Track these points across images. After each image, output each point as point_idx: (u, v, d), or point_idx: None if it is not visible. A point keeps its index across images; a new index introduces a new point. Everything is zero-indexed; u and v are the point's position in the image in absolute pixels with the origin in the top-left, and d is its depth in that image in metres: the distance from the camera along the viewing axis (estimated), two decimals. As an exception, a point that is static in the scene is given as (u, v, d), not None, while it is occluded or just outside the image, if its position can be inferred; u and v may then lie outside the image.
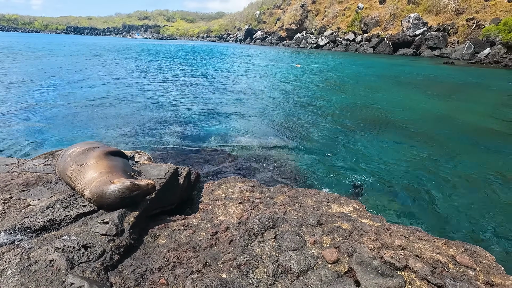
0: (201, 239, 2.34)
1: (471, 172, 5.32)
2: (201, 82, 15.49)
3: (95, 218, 2.21)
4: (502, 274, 1.90)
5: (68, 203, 2.33)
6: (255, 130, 7.51)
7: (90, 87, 12.12)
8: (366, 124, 8.39)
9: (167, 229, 2.45)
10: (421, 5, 57.93)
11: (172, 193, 3.10)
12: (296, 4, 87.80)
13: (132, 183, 2.30)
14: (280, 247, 2.10)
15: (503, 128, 8.36)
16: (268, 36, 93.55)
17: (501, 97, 14.22)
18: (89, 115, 8.12)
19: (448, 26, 51.05)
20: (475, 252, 2.08)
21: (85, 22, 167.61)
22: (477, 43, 43.29)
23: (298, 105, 10.66)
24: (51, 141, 6.05)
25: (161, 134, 6.76)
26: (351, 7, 74.31)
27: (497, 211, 4.05)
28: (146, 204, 2.51)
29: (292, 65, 27.70)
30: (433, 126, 8.32)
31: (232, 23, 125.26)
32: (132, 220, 2.25)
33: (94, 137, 6.31)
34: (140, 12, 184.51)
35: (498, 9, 47.40)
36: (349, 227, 2.39)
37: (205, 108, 9.76)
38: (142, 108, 9.19)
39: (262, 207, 2.94)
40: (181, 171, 3.51)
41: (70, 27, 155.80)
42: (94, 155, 2.64)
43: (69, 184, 2.58)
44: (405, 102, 11.96)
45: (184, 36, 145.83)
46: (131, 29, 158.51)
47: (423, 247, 2.07)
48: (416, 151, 6.31)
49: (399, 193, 4.47)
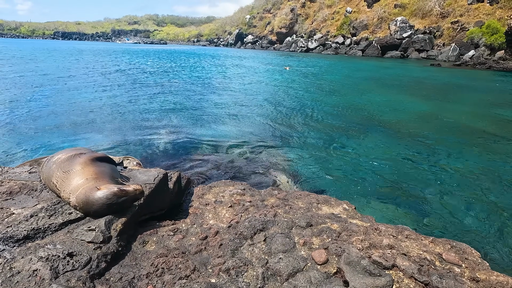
0: (190, 244, 2.32)
1: (458, 170, 5.43)
2: (190, 86, 15.44)
3: (81, 225, 2.17)
4: (487, 270, 1.94)
5: (53, 211, 2.28)
6: (245, 133, 7.51)
7: (77, 93, 11.94)
8: (355, 125, 8.49)
9: (156, 235, 2.42)
10: (408, 9, 59.29)
11: (161, 198, 3.06)
12: (286, 8, 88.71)
13: (119, 189, 2.26)
14: (269, 250, 2.10)
15: (488, 128, 8.58)
16: (258, 40, 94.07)
17: (486, 98, 14.61)
18: (76, 121, 7.99)
19: (434, 29, 52.36)
20: (461, 249, 2.12)
21: (73, 27, 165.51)
22: (462, 45, 44.49)
23: (287, 108, 10.72)
24: (36, 148, 5.93)
25: (151, 139, 6.70)
26: (339, 11, 75.49)
27: (483, 208, 4.14)
28: (135, 210, 2.47)
29: (281, 68, 27.89)
30: (421, 127, 8.48)
31: (223, 27, 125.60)
32: (120, 227, 2.21)
33: (82, 143, 6.21)
34: (129, 16, 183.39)
35: (481, 12, 48.87)
36: (339, 228, 2.41)
37: (195, 112, 9.73)
38: (131, 113, 9.10)
39: (252, 210, 2.94)
40: (171, 176, 3.48)
41: (58, 32, 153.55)
42: (80, 161, 2.60)
43: (54, 191, 2.53)
44: (394, 103, 12.16)
45: (174, 41, 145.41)
46: (121, 34, 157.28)
47: (410, 246, 2.10)
48: (404, 151, 6.41)
49: (389, 193, 4.53)
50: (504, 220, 3.86)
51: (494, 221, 3.84)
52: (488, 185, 4.86)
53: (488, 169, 5.54)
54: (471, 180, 5.04)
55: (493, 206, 4.20)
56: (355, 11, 70.78)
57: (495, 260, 3.00)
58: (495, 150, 6.65)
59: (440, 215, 3.93)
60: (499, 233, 3.59)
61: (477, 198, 4.44)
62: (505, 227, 3.71)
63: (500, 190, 4.71)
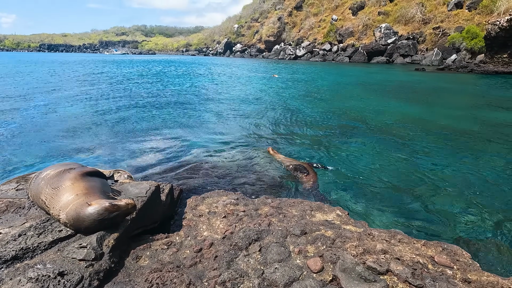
0: (185, 257, 2.29)
1: (446, 172, 5.56)
2: (180, 95, 15.42)
3: (72, 243, 2.12)
4: (478, 270, 1.98)
5: (43, 229, 2.23)
6: (236, 141, 7.52)
7: (61, 106, 11.76)
8: (344, 130, 8.62)
9: (149, 249, 2.39)
10: (391, 16, 61.20)
11: (154, 211, 3.03)
12: (273, 17, 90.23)
13: (110, 204, 2.23)
14: (265, 260, 2.09)
15: (473, 130, 8.84)
16: (247, 49, 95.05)
17: (469, 100, 15.10)
18: (65, 134, 7.85)
19: (417, 34, 54.11)
20: (452, 251, 2.16)
21: (59, 39, 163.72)
22: (444, 50, 46.02)
23: (277, 115, 10.81)
24: (24, 164, 5.78)
25: (141, 150, 6.63)
26: (325, 19, 77.27)
27: (472, 208, 4.24)
28: (127, 224, 2.44)
29: (270, 75, 28.20)
30: (408, 130, 8.67)
31: (211, 36, 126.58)
32: (112, 243, 2.17)
33: (71, 158, 6.09)
34: (117, 28, 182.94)
35: (460, 18, 50.84)
36: (333, 235, 2.42)
37: (185, 121, 9.70)
38: (120, 124, 9.00)
39: (246, 220, 2.93)
40: (163, 188, 3.45)
41: (43, 45, 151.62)
42: (70, 177, 2.55)
43: (43, 208, 2.47)
44: (381, 108, 12.42)
45: (163, 51, 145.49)
46: (108, 45, 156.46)
47: (403, 250, 2.13)
48: (393, 155, 6.53)
49: (381, 197, 4.59)
50: (492, 219, 3.95)
51: (483, 221, 3.93)
52: (476, 186, 4.98)
53: (475, 170, 5.69)
54: (459, 181, 5.16)
55: (481, 206, 4.31)
56: (340, 18, 72.59)
57: (485, 260, 3.07)
58: (480, 151, 6.85)
59: (431, 217, 4.00)
60: (488, 233, 3.67)
61: (466, 199, 4.54)
62: (494, 226, 3.81)
63: (487, 190, 4.83)
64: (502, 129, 8.93)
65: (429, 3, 57.13)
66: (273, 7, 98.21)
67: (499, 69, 30.56)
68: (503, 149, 7.03)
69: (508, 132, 8.54)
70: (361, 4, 69.49)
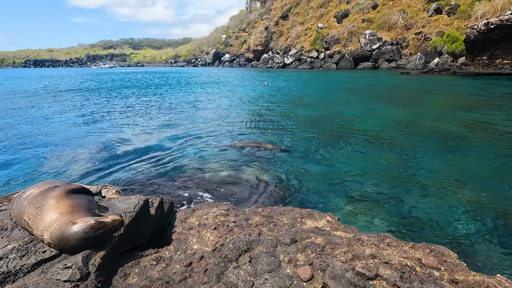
0: (174, 272, 2.25)
1: (432, 173, 5.67)
2: (170, 105, 15.38)
3: (56, 263, 2.06)
4: (465, 270, 2.01)
5: (26, 250, 2.16)
6: (227, 150, 7.51)
7: (44, 120, 11.56)
8: (332, 135, 8.72)
9: (138, 266, 2.34)
10: (374, 23, 62.99)
11: (143, 226, 2.98)
12: (261, 27, 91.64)
13: (96, 221, 2.19)
14: (255, 271, 2.08)
15: (457, 130, 9.07)
16: (236, 58, 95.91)
17: (453, 101, 15.53)
18: (49, 151, 7.69)
19: (400, 40, 55.74)
20: (439, 252, 2.19)
21: (45, 54, 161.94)
22: (427, 54, 47.48)
23: (266, 122, 10.88)
24: (6, 183, 5.62)
25: (130, 164, 6.55)
26: (311, 27, 78.94)
27: (459, 208, 4.32)
28: (114, 241, 2.39)
29: (260, 83, 28.45)
30: (395, 133, 8.84)
31: (200, 47, 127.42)
32: (99, 261, 2.12)
33: (57, 175, 5.96)
34: (104, 41, 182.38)
35: (440, 23, 52.73)
36: (323, 242, 2.43)
37: (175, 131, 9.65)
38: (105, 137, 8.88)
39: (237, 230, 2.91)
40: (153, 202, 3.40)
41: (29, 61, 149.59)
42: (54, 195, 2.50)
43: (27, 229, 2.40)
44: (369, 111, 12.65)
45: (152, 63, 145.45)
46: (96, 59, 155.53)
47: (391, 253, 2.15)
48: (381, 158, 6.63)
49: (370, 201, 4.63)
50: (478, 218, 4.03)
51: (470, 220, 4.00)
52: (461, 186, 5.09)
53: (460, 170, 5.82)
54: (445, 182, 5.26)
55: (468, 205, 4.39)
56: (326, 26, 74.24)
57: (471, 259, 3.12)
58: (464, 152, 7.02)
59: (419, 218, 4.05)
60: (474, 232, 3.74)
61: (452, 199, 4.63)
62: (479, 225, 3.88)
63: (472, 190, 4.94)
64: (484, 128, 9.20)
65: (410, 9, 59.16)
66: (260, 17, 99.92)
67: (480, 71, 31.67)
68: (485, 149, 7.22)
69: (490, 131, 8.80)
70: (345, 12, 71.39)
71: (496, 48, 32.14)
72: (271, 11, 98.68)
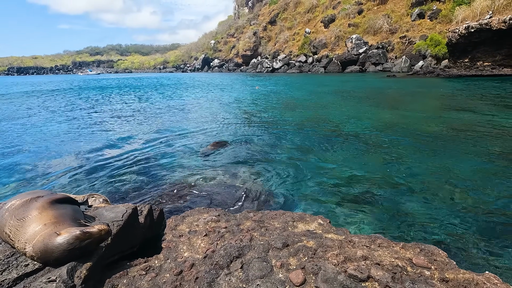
0: (164, 281, 2.20)
1: (421, 173, 5.77)
2: (158, 110, 15.21)
3: (39, 277, 1.98)
4: (454, 269, 2.03)
5: (6, 265, 2.07)
6: (217, 155, 7.46)
7: (25, 128, 11.25)
8: (322, 138, 8.79)
9: (126, 277, 2.27)
10: (360, 27, 64.40)
11: (132, 235, 2.90)
12: (249, 32, 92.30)
13: (81, 232, 2.12)
14: (247, 277, 2.05)
15: (442, 130, 9.29)
16: (225, 63, 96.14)
17: (437, 102, 15.95)
18: (32, 160, 7.47)
19: (385, 44, 57.12)
20: (429, 251, 2.21)
21: (29, 61, 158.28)
22: (412, 57, 48.78)
23: (257, 126, 10.89)
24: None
25: (118, 172, 6.41)
26: (299, 32, 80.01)
27: (448, 207, 4.40)
28: (101, 252, 2.31)
29: (251, 88, 28.54)
30: (382, 135, 8.98)
31: (188, 53, 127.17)
32: (85, 273, 2.05)
33: (40, 185, 5.78)
34: (91, 48, 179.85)
35: (423, 27, 54.35)
36: (314, 245, 2.42)
37: (164, 137, 9.53)
38: (92, 145, 8.69)
39: (228, 236, 2.87)
40: (142, 210, 3.32)
41: (12, 68, 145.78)
42: (37, 206, 2.41)
43: (8, 242, 2.30)
44: (357, 114, 12.83)
45: (140, 69, 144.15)
46: (82, 65, 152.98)
47: (383, 254, 2.15)
48: (371, 159, 6.72)
49: (360, 202, 4.66)
50: (466, 216, 4.11)
51: (459, 218, 4.08)
52: (449, 185, 5.20)
53: (447, 170, 5.94)
54: (433, 182, 5.36)
55: (456, 204, 4.48)
56: (313, 31, 75.42)
57: (461, 257, 3.17)
58: (451, 152, 7.18)
59: (409, 219, 4.10)
60: (463, 230, 3.81)
61: (441, 198, 4.71)
62: (468, 223, 3.96)
63: (460, 189, 5.05)
64: (467, 129, 9.45)
65: (394, 14, 60.81)
66: (248, 22, 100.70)
67: (462, 73, 32.74)
68: (470, 149, 7.41)
69: (474, 131, 9.05)
70: (332, 17, 72.74)
71: (477, 51, 33.34)
72: (259, 17, 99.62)
